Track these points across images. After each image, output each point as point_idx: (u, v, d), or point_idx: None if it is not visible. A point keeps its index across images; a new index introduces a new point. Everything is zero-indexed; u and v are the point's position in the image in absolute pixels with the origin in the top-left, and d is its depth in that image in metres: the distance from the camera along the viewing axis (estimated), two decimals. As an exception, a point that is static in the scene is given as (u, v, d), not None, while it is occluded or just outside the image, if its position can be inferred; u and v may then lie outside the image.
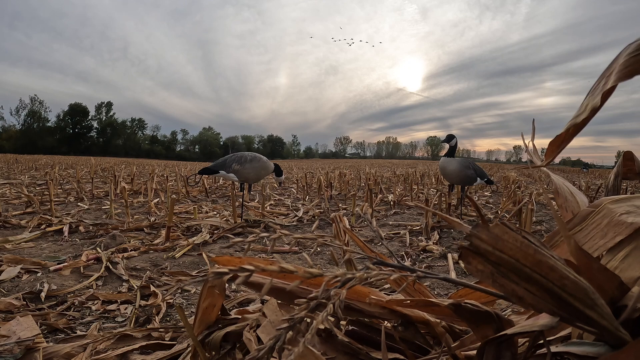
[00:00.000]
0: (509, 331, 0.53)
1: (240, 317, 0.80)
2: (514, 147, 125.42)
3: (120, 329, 1.01)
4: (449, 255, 2.13)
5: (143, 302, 1.38)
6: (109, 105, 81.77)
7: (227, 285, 1.58)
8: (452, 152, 3.49)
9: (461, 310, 0.59)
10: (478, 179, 3.51)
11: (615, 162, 0.96)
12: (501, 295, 0.54)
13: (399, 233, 2.79)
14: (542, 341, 0.58)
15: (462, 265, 1.93)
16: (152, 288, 1.45)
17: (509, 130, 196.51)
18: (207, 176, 7.56)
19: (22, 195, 4.22)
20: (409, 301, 0.70)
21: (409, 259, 2.16)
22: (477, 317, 0.59)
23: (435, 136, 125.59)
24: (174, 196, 2.30)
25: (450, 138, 3.52)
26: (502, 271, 0.47)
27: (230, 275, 0.47)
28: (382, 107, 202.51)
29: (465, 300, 0.60)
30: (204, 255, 2.06)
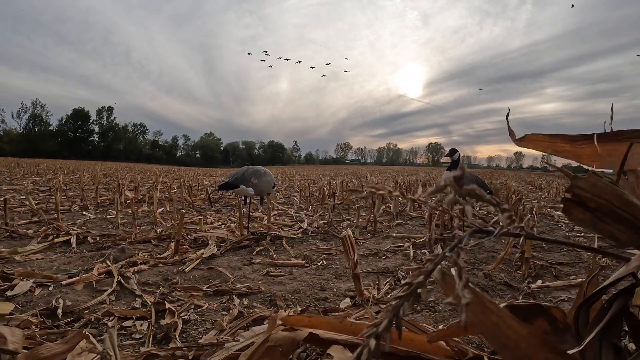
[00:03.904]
0: (607, 282, 0.58)
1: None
2: (515, 154, 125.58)
3: (145, 349, 1.05)
4: (453, 270, 2.16)
5: (161, 321, 1.41)
6: (110, 109, 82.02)
7: (241, 303, 1.61)
8: (455, 166, 3.55)
9: (515, 310, 0.64)
10: (480, 191, 3.56)
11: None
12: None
13: (403, 246, 2.83)
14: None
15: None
16: (167, 305, 1.48)
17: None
18: (209, 185, 7.60)
19: (27, 203, 4.26)
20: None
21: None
22: (530, 312, 0.63)
23: (436, 142, 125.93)
24: (183, 211, 2.34)
25: (453, 152, 3.58)
26: (599, 216, 0.53)
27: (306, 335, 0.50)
28: (383, 114, 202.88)
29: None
30: (270, 315, 2.10)
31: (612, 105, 0.99)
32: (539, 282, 2.02)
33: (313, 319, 0.76)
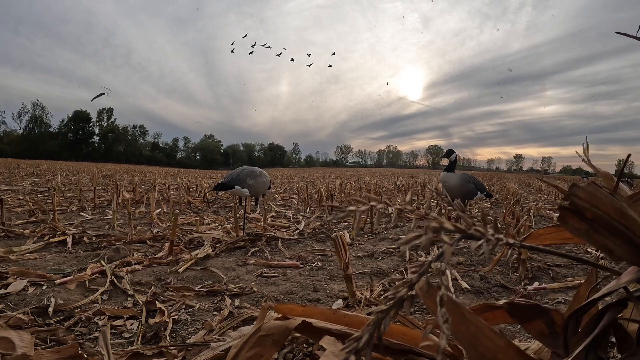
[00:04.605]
0: (597, 294, 0.58)
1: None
2: (515, 156, 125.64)
3: (131, 347, 1.04)
4: (447, 271, 2.16)
5: (150, 320, 1.41)
6: (110, 111, 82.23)
7: (233, 303, 1.61)
8: (452, 167, 3.55)
9: (514, 309, 0.64)
10: (478, 192, 3.56)
11: (616, 171, 0.98)
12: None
13: (399, 248, 2.82)
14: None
15: (462, 282, 1.95)
16: (158, 304, 1.48)
17: (510, 139, 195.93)
18: (207, 186, 7.60)
19: (25, 203, 4.26)
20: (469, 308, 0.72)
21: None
22: (529, 312, 0.63)
23: (437, 145, 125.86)
24: (177, 211, 2.34)
25: (450, 153, 3.58)
26: (595, 227, 0.53)
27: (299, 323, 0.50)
28: (383, 116, 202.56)
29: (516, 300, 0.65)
30: (262, 304, 2.09)
31: (586, 137, 1.00)
32: (536, 284, 2.02)
33: (306, 309, 0.76)
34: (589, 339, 0.54)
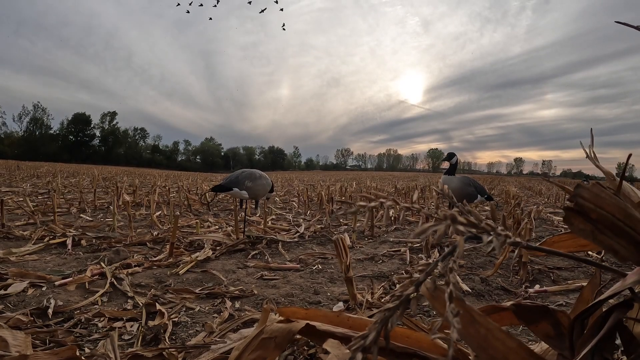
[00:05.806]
0: (603, 296, 0.57)
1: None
2: (515, 159, 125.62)
3: (131, 349, 1.03)
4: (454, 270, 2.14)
5: (150, 322, 1.40)
6: (113, 114, 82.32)
7: (233, 305, 1.60)
8: (452, 170, 3.54)
9: (521, 310, 0.63)
10: (478, 195, 3.56)
11: (617, 174, 0.97)
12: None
13: (400, 250, 2.81)
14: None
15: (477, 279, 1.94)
16: (158, 306, 1.47)
17: (510, 142, 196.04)
18: (207, 189, 7.60)
19: (25, 205, 4.26)
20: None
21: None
22: (535, 314, 0.63)
23: (437, 148, 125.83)
24: (177, 214, 2.33)
25: (451, 156, 3.58)
26: (600, 228, 0.52)
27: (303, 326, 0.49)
28: (384, 119, 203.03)
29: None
30: (263, 307, 2.09)
31: (591, 129, 1.00)
32: (537, 287, 2.01)
33: (310, 312, 0.75)
34: (595, 341, 0.53)
